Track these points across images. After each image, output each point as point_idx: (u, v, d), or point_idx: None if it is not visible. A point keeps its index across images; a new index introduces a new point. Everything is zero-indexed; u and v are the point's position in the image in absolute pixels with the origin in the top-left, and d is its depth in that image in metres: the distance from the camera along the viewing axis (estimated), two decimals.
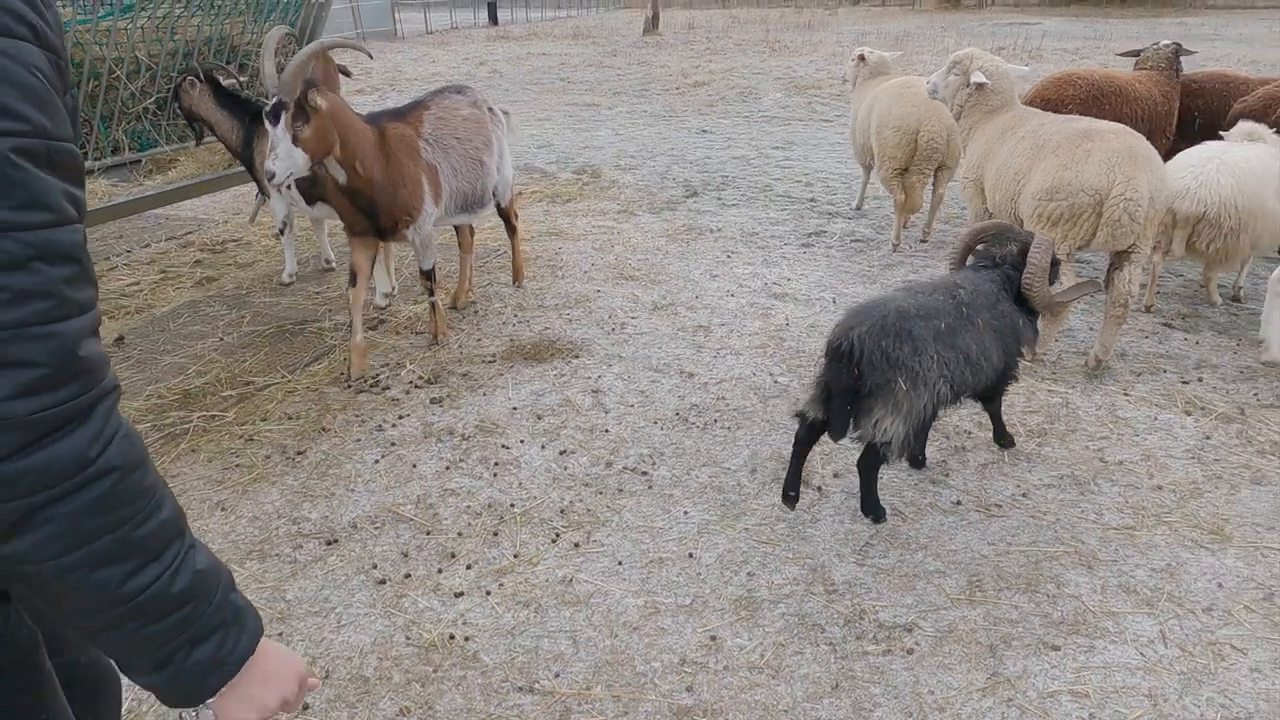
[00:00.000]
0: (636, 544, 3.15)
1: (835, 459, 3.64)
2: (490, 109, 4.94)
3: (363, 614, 2.83)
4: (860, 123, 6.56)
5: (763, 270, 5.95)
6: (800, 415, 3.11)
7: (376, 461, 3.71)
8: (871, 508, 3.22)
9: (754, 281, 5.72)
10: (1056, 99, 6.11)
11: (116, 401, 0.91)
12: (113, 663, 1.13)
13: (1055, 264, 3.43)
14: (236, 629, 1.02)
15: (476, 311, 5.25)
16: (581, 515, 3.32)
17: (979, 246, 3.50)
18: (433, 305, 4.77)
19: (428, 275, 4.65)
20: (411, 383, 4.36)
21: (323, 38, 4.04)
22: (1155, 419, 3.91)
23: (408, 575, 3.01)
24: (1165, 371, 4.35)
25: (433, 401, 4.16)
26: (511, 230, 5.55)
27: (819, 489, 3.45)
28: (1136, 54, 6.56)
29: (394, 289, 5.48)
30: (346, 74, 6.25)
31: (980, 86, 4.72)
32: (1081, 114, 5.76)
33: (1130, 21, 29.86)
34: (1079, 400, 4.08)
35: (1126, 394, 4.14)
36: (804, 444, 3.16)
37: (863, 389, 2.89)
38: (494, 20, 36.73)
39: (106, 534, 0.89)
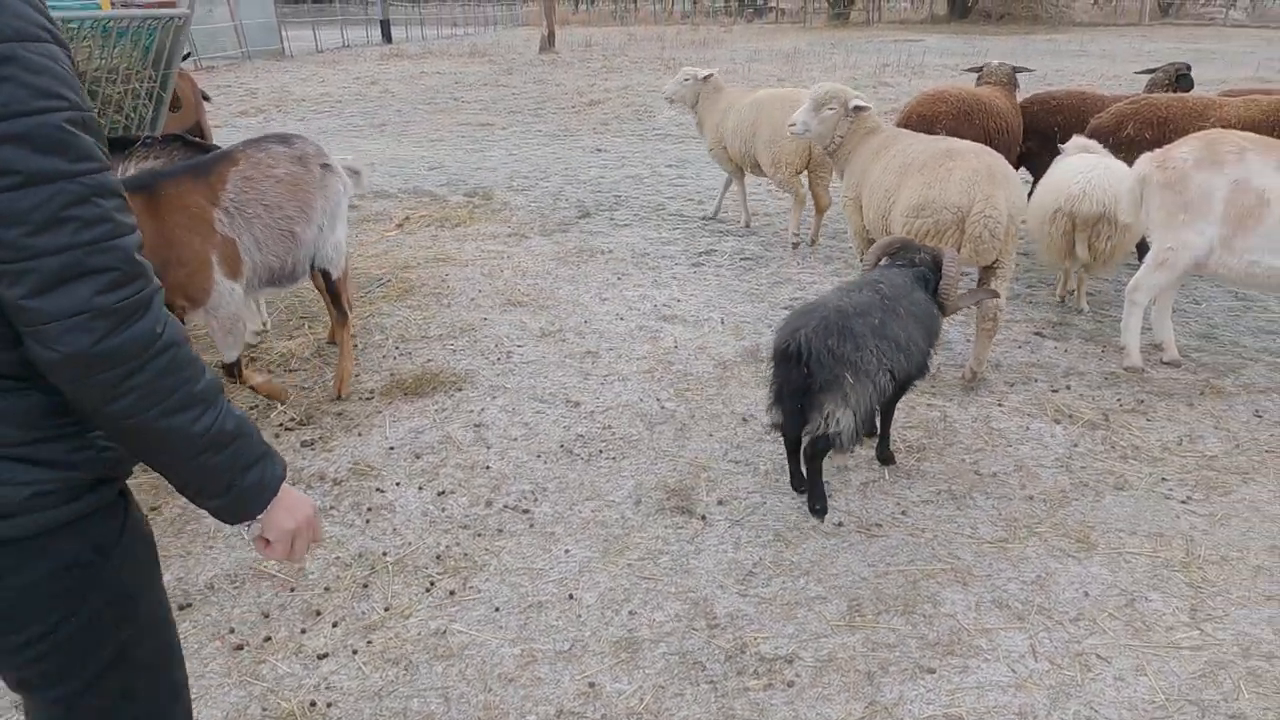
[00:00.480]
0: (515, 588, 3.03)
1: (720, 486, 3.61)
2: (324, 165, 4.11)
3: (215, 685, 2.63)
4: (734, 131, 6.87)
5: (653, 292, 5.92)
6: (775, 426, 3.39)
7: None
8: (817, 499, 3.38)
9: (644, 304, 5.69)
10: (931, 115, 6.35)
11: (163, 296, 1.23)
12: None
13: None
14: (270, 460, 1.36)
15: (356, 345, 5.04)
16: (458, 560, 3.18)
17: (891, 254, 3.80)
18: (252, 387, 4.18)
19: (230, 371, 3.95)
20: (282, 425, 4.13)
21: None
22: (1027, 429, 4.03)
23: (268, 638, 2.81)
24: (1036, 380, 4.51)
25: (303, 445, 3.95)
26: (341, 318, 4.46)
27: (703, 517, 3.40)
28: (980, 70, 7.00)
29: (266, 324, 5.22)
30: (206, 99, 5.97)
31: (860, 110, 4.88)
32: (954, 127, 6.02)
33: (1006, 38, 31.45)
34: (956, 413, 4.18)
35: (1000, 405, 4.25)
36: (793, 445, 3.46)
37: (813, 386, 3.08)
38: (387, 38, 36.05)
39: (177, 390, 1.21)
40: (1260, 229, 3.99)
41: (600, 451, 3.88)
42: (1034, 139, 6.91)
